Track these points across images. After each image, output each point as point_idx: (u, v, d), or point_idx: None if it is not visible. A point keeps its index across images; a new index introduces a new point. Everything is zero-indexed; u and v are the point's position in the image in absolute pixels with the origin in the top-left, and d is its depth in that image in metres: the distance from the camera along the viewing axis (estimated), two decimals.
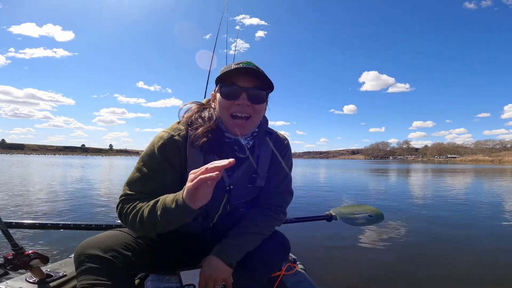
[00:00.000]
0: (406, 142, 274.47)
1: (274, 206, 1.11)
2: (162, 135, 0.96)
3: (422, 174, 18.54)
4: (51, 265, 1.36)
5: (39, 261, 1.17)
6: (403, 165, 46.75)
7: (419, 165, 44.40)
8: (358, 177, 14.54)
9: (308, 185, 9.81)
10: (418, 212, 4.89)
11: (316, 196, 6.87)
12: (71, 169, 17.35)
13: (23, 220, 1.34)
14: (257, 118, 1.01)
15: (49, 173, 12.92)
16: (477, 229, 3.80)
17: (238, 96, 0.94)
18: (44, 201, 5.30)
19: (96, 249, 0.83)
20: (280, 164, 1.11)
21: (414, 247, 2.91)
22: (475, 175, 17.17)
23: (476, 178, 14.33)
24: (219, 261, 0.94)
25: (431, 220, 4.25)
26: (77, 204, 5.03)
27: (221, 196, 1.01)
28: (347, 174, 17.54)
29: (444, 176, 15.76)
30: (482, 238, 3.35)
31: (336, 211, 1.97)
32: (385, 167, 32.02)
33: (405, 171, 21.93)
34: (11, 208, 4.55)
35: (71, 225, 1.39)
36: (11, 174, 11.98)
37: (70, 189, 7.20)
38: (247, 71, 0.93)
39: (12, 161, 30.59)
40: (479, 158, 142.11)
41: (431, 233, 3.51)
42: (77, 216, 4.12)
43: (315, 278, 1.58)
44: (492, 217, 4.59)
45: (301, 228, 2.66)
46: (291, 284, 1.41)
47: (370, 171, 21.28)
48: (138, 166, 0.93)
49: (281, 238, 1.14)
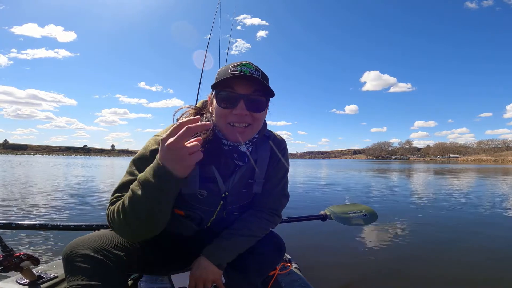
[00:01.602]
0: (408, 142, 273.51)
1: (269, 209, 1.10)
2: (156, 139, 0.91)
3: (423, 174, 18.40)
4: (42, 266, 1.36)
5: (29, 263, 1.18)
6: (404, 165, 46.52)
7: (421, 165, 44.15)
8: (358, 177, 14.48)
9: (308, 183, 9.81)
10: (414, 212, 4.88)
11: (315, 195, 6.85)
12: (73, 168, 17.39)
13: (11, 221, 1.33)
14: (258, 126, 0.95)
15: (50, 173, 12.95)
16: (472, 229, 3.78)
17: (236, 104, 0.87)
18: (34, 201, 5.22)
19: (87, 248, 0.80)
20: (277, 167, 1.09)
21: (408, 246, 2.91)
22: (476, 175, 17.04)
23: (477, 178, 14.22)
24: (209, 263, 0.93)
25: (426, 220, 4.24)
26: (67, 204, 4.96)
27: (217, 202, 1.00)
28: (347, 173, 17.46)
29: (444, 176, 15.66)
30: (477, 238, 3.32)
31: (330, 210, 1.97)
32: (387, 167, 31.83)
33: (406, 171, 21.80)
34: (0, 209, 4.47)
35: (60, 226, 1.37)
36: (15, 174, 12.03)
37: (64, 189, 7.15)
38: (244, 76, 0.86)
39: (20, 161, 30.65)
40: (482, 157, 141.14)
41: (425, 233, 3.50)
42: (67, 216, 4.05)
43: (310, 277, 1.59)
44: (490, 217, 4.57)
45: (296, 228, 2.67)
46: (286, 284, 1.41)
47: (371, 171, 21.18)
48: (130, 170, 0.89)
49: (275, 238, 1.13)
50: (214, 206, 1.00)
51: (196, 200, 0.97)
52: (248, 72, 0.86)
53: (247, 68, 0.87)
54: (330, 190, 8.43)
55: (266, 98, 0.92)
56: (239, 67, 0.87)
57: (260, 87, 0.89)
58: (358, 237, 3.18)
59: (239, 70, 0.86)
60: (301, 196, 6.58)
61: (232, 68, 0.87)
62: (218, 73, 0.92)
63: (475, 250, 2.84)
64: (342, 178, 13.66)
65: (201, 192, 0.96)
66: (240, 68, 0.87)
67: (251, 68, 0.88)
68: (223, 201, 1.00)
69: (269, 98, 0.93)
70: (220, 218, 1.04)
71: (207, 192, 0.96)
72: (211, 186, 0.96)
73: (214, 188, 0.97)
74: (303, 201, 5.85)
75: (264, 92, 0.90)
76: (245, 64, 0.88)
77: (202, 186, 0.95)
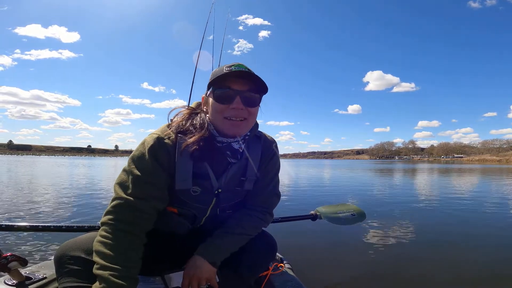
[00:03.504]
0: (411, 141, 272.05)
1: (260, 208, 1.11)
2: (153, 137, 0.93)
3: (424, 173, 18.39)
4: (31, 267, 1.35)
5: (17, 264, 1.17)
6: (408, 165, 46.36)
7: (424, 165, 43.98)
8: (355, 177, 14.45)
9: (311, 183, 9.78)
10: (406, 211, 4.92)
11: (315, 195, 6.85)
12: (79, 169, 17.54)
13: (1, 223, 1.33)
14: (252, 120, 1.01)
15: (48, 173, 13.07)
16: (466, 229, 3.79)
17: (232, 100, 0.92)
18: (26, 202, 5.20)
19: (79, 250, 0.81)
20: (268, 167, 1.11)
21: (398, 246, 2.94)
22: (480, 175, 16.91)
23: (480, 178, 14.11)
24: (203, 261, 0.93)
25: (419, 219, 4.28)
26: (60, 205, 4.96)
27: (210, 199, 1.01)
28: (348, 174, 17.41)
29: (446, 176, 15.64)
30: (471, 238, 3.33)
31: (320, 210, 2.01)
32: (390, 167, 31.80)
33: (409, 171, 21.73)
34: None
35: (51, 227, 1.37)
36: (24, 174, 12.15)
37: (56, 189, 7.16)
38: (241, 74, 0.92)
39: (27, 161, 31.07)
40: (486, 157, 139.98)
41: (417, 232, 3.53)
42: (58, 217, 4.04)
43: (302, 277, 1.59)
44: (488, 216, 4.57)
45: (287, 228, 2.69)
46: (279, 284, 1.41)
47: (373, 171, 21.11)
48: (130, 168, 0.91)
49: (267, 238, 1.13)
50: (207, 203, 1.02)
51: (189, 197, 0.98)
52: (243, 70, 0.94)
53: (241, 68, 0.93)
54: (329, 190, 8.43)
55: (260, 94, 0.98)
56: (234, 67, 0.93)
57: (254, 84, 0.95)
58: (348, 237, 3.23)
59: (233, 69, 0.92)
60: (301, 197, 6.56)
61: (227, 68, 0.93)
62: (213, 73, 0.98)
63: (472, 250, 2.85)
64: (343, 178, 13.63)
65: (194, 188, 0.97)
66: (234, 68, 0.93)
67: (244, 68, 0.94)
68: (216, 198, 1.01)
69: (263, 95, 1.00)
70: (213, 216, 1.06)
71: (200, 189, 0.98)
72: (204, 182, 0.98)
73: (207, 184, 0.98)
74: (303, 202, 5.83)
75: (258, 89, 0.97)
76: (238, 64, 0.95)
77: (195, 183, 0.96)
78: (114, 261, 0.77)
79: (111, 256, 0.78)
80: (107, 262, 0.76)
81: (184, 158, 0.93)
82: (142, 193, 0.88)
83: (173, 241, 1.08)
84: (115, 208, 0.85)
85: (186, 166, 0.93)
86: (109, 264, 0.76)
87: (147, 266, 0.99)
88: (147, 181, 0.89)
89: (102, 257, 0.77)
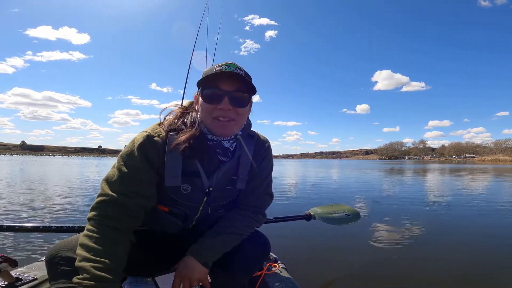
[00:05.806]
0: (422, 141, 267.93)
1: (253, 207, 1.10)
2: (143, 135, 0.94)
3: (433, 173, 18.01)
4: (21, 268, 1.35)
5: (7, 265, 1.18)
6: (418, 165, 45.57)
7: (435, 165, 43.14)
8: (363, 176, 14.27)
9: (318, 183, 9.71)
10: (406, 211, 4.86)
11: (316, 194, 6.78)
12: (89, 168, 17.87)
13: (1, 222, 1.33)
14: (242, 121, 1.01)
15: (51, 173, 13.33)
16: (461, 230, 3.75)
17: (220, 100, 0.93)
18: (15, 202, 5.15)
19: (70, 251, 0.81)
20: (261, 166, 1.10)
21: (393, 246, 2.92)
22: (493, 175, 16.44)
23: (492, 179, 13.73)
24: (194, 261, 0.92)
25: (419, 220, 4.23)
26: (51, 205, 4.91)
27: (201, 198, 1.00)
28: (352, 174, 17.21)
29: (456, 176, 15.28)
30: (466, 238, 3.29)
31: (314, 211, 2.01)
32: (399, 167, 31.36)
33: (418, 171, 21.29)
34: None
35: (40, 228, 1.37)
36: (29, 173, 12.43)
37: (50, 189, 7.10)
38: (229, 74, 0.92)
39: (43, 162, 31.75)
40: (499, 157, 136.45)
41: (414, 232, 3.49)
42: (49, 217, 3.99)
43: (296, 276, 1.58)
44: (486, 216, 4.54)
45: (281, 228, 2.68)
46: (273, 284, 1.42)
47: (381, 171, 20.78)
48: (118, 165, 0.91)
49: (261, 238, 1.12)
50: (198, 202, 1.01)
51: (180, 195, 0.98)
52: (232, 70, 0.93)
53: (231, 68, 0.93)
54: (330, 190, 8.34)
55: (249, 95, 0.98)
56: (224, 67, 0.93)
57: (243, 85, 0.95)
58: (342, 237, 3.22)
59: (223, 69, 0.92)
60: (302, 197, 6.50)
61: (217, 68, 0.93)
62: (204, 73, 0.97)
63: (468, 250, 2.82)
64: (345, 178, 13.48)
65: (185, 186, 0.97)
66: (224, 67, 0.93)
67: (235, 67, 0.94)
68: (207, 197, 1.01)
69: (252, 95, 1.00)
70: (205, 216, 1.05)
71: (191, 187, 0.97)
72: (195, 180, 0.97)
73: (197, 182, 0.98)
74: (304, 202, 5.77)
75: (247, 89, 0.96)
76: (229, 64, 0.94)
77: (185, 180, 0.96)
78: (98, 254, 0.76)
79: (95, 249, 0.77)
80: (91, 255, 0.76)
81: (173, 155, 0.93)
82: (127, 189, 0.87)
83: (165, 241, 1.07)
84: (99, 204, 0.85)
85: (176, 163, 0.93)
86: (92, 257, 0.75)
87: (138, 266, 1.01)
88: (134, 178, 0.89)
89: (86, 250, 0.77)
